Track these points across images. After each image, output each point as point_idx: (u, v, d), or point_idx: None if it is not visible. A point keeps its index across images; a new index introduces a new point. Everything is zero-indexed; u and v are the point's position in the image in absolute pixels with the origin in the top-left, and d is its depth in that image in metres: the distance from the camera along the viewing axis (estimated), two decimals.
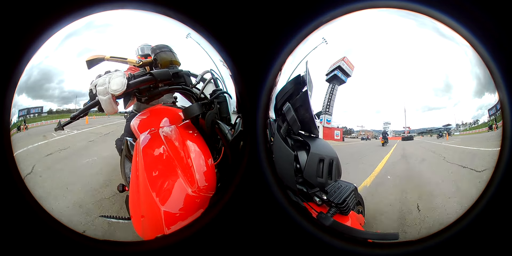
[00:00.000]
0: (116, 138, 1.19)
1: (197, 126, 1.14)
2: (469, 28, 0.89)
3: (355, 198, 0.99)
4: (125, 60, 1.15)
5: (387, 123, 1.01)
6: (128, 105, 1.05)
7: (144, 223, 0.93)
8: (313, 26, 0.94)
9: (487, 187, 0.88)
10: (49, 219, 0.95)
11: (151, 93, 1.06)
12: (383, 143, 1.05)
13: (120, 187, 1.13)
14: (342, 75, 1.00)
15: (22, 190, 0.94)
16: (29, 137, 1.01)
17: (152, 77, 1.04)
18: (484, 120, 0.93)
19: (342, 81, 1.00)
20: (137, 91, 1.03)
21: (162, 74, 1.06)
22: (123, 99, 1.03)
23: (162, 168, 1.00)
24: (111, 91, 0.95)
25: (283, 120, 1.00)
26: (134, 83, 1.00)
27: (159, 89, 1.06)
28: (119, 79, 0.97)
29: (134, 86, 1.00)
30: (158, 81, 1.05)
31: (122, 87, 0.96)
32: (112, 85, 0.96)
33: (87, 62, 1.07)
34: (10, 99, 0.96)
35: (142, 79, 1.02)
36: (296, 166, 0.98)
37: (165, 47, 1.19)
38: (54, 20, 0.94)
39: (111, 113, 1.00)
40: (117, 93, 0.96)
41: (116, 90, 0.95)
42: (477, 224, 0.88)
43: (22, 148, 0.99)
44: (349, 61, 0.99)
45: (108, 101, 0.96)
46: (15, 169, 0.94)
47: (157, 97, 1.09)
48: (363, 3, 0.93)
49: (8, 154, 0.94)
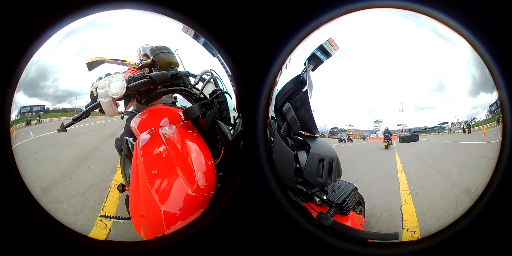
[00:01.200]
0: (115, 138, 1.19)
1: (197, 126, 1.14)
2: (469, 28, 0.89)
3: (355, 198, 0.99)
4: (125, 62, 1.18)
5: (378, 121, 0.95)
6: (128, 106, 1.08)
7: (144, 223, 0.93)
8: (313, 26, 0.94)
9: (488, 187, 0.88)
10: (49, 219, 0.95)
11: (150, 95, 1.08)
12: (387, 145, 0.98)
13: (120, 187, 1.13)
14: (321, 54, 0.96)
15: (22, 190, 0.94)
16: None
17: (151, 80, 1.06)
18: (481, 118, 0.93)
19: (320, 61, 0.97)
20: (136, 93, 1.06)
21: (160, 76, 1.08)
22: (123, 101, 1.05)
23: (162, 168, 1.00)
24: (111, 95, 0.98)
25: (283, 120, 1.00)
26: (133, 86, 1.02)
27: (157, 91, 1.08)
28: (118, 82, 0.99)
29: (133, 89, 1.02)
30: (157, 84, 1.07)
31: (121, 90, 0.99)
32: (112, 88, 0.99)
33: (87, 65, 1.09)
34: (10, 98, 0.96)
35: (141, 82, 1.04)
36: (296, 166, 0.98)
37: (164, 48, 1.20)
38: (54, 20, 0.94)
39: (112, 115, 1.02)
40: (117, 96, 0.99)
41: (115, 93, 0.98)
42: (477, 224, 0.88)
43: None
44: (333, 42, 0.96)
45: (109, 104, 0.99)
46: (15, 169, 0.94)
47: (156, 98, 1.12)
48: (363, 3, 0.93)
49: (8, 155, 0.94)
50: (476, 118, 0.93)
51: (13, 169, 0.94)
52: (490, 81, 0.90)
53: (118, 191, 1.13)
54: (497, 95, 0.90)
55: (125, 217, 1.10)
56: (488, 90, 0.91)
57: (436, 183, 0.91)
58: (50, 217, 0.96)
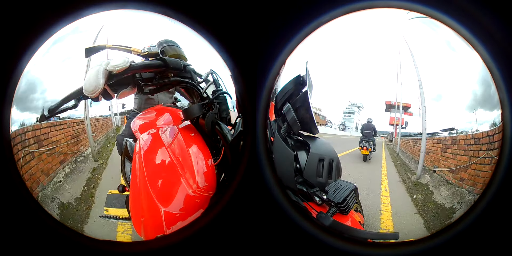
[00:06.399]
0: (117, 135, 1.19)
1: (197, 126, 1.14)
2: (469, 27, 0.89)
3: (355, 198, 0.99)
4: (129, 48, 1.04)
5: (354, 105, 0.75)
6: (122, 94, 0.93)
7: (144, 223, 0.94)
8: (313, 26, 0.94)
9: (488, 187, 0.88)
10: (49, 219, 0.95)
11: (161, 81, 0.93)
12: (366, 155, 0.84)
13: (121, 188, 1.13)
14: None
15: (22, 190, 0.94)
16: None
17: (163, 63, 0.91)
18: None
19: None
20: (140, 78, 0.91)
21: (174, 62, 0.93)
22: (112, 89, 0.89)
23: (162, 169, 1.00)
24: (109, 67, 0.80)
25: (283, 120, 1.00)
26: (140, 64, 0.86)
27: (170, 79, 0.94)
28: (121, 57, 0.84)
29: (140, 69, 0.86)
30: (170, 69, 0.92)
31: (123, 63, 0.82)
32: (113, 61, 0.82)
33: (86, 50, 0.95)
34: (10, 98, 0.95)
35: (152, 62, 0.88)
36: (296, 166, 0.98)
37: (172, 42, 1.11)
38: (54, 20, 0.94)
39: (91, 91, 0.80)
40: (117, 69, 0.81)
41: (116, 65, 0.81)
42: (478, 224, 0.88)
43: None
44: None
45: (95, 73, 0.78)
46: (15, 170, 0.94)
47: (166, 87, 0.97)
48: (363, 3, 0.93)
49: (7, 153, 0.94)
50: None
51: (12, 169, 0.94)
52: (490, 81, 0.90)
53: (118, 191, 1.13)
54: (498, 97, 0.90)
55: (125, 217, 1.10)
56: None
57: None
58: (50, 217, 0.96)
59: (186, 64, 1.03)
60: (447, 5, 0.88)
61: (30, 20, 0.90)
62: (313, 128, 1.02)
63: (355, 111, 0.85)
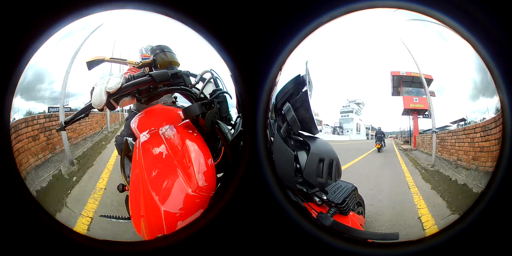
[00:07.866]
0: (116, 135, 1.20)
1: (197, 126, 1.14)
2: (469, 27, 0.89)
3: (355, 198, 0.99)
4: (125, 61, 1.17)
5: (353, 102, 0.74)
6: (123, 103, 1.05)
7: (144, 223, 0.93)
8: (313, 26, 0.94)
9: (488, 187, 0.88)
10: (49, 219, 0.95)
11: (150, 94, 1.07)
12: (379, 147, 0.92)
13: (120, 187, 1.13)
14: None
15: (22, 190, 0.94)
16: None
17: (151, 79, 1.04)
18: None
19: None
20: (137, 91, 1.04)
21: (161, 75, 1.06)
22: (114, 100, 1.02)
23: (162, 168, 1.00)
24: (106, 88, 0.98)
25: (283, 120, 1.00)
26: (131, 84, 1.01)
27: (158, 90, 1.07)
28: (116, 78, 0.99)
29: (131, 87, 1.01)
30: (157, 82, 1.05)
31: (116, 85, 0.98)
32: (109, 83, 0.98)
33: (87, 63, 1.09)
34: (10, 98, 0.95)
35: (141, 80, 1.03)
36: (296, 166, 0.98)
37: (164, 47, 1.20)
38: (54, 20, 0.94)
39: (98, 106, 0.99)
40: (111, 90, 0.97)
41: (111, 87, 0.98)
42: (478, 224, 0.88)
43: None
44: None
45: (99, 92, 0.97)
46: (14, 169, 0.94)
47: (156, 97, 1.10)
48: (363, 3, 0.93)
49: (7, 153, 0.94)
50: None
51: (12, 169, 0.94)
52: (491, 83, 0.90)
53: (118, 191, 1.13)
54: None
55: (125, 217, 1.10)
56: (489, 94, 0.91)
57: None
58: (50, 216, 0.96)
59: (176, 71, 1.12)
60: (447, 5, 0.88)
61: (30, 20, 0.91)
62: (313, 128, 1.02)
63: (354, 109, 0.80)
